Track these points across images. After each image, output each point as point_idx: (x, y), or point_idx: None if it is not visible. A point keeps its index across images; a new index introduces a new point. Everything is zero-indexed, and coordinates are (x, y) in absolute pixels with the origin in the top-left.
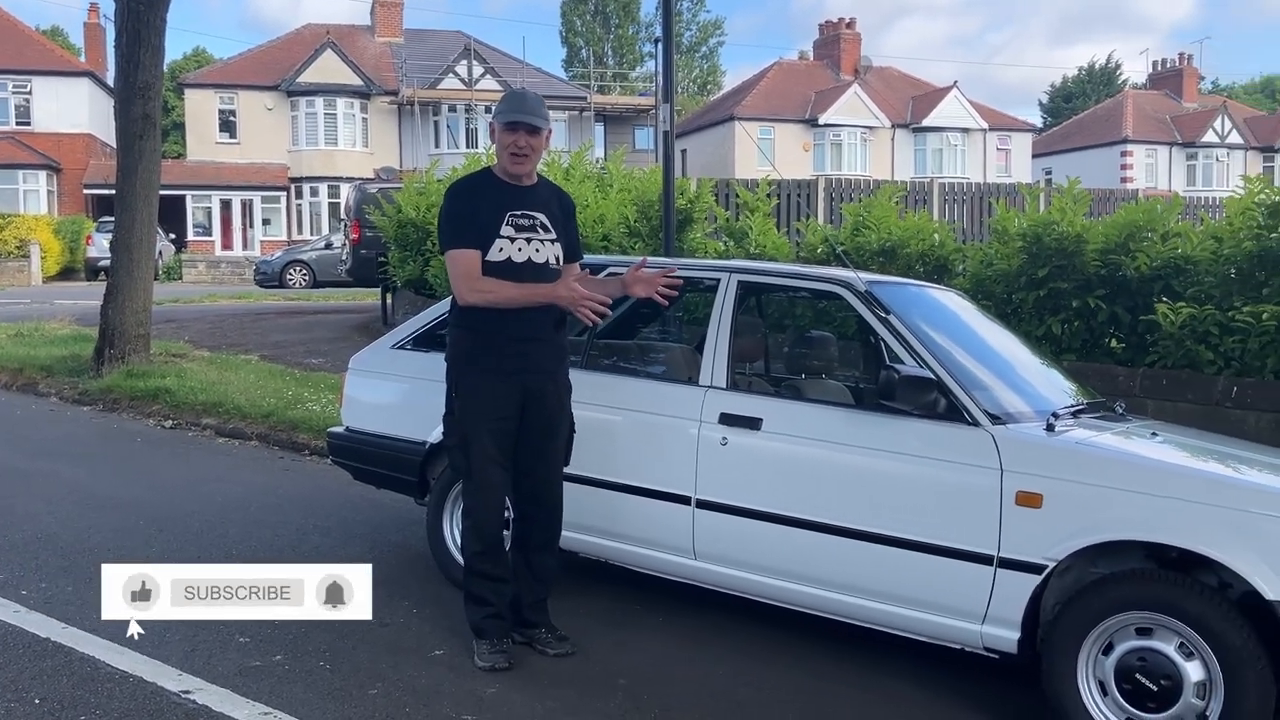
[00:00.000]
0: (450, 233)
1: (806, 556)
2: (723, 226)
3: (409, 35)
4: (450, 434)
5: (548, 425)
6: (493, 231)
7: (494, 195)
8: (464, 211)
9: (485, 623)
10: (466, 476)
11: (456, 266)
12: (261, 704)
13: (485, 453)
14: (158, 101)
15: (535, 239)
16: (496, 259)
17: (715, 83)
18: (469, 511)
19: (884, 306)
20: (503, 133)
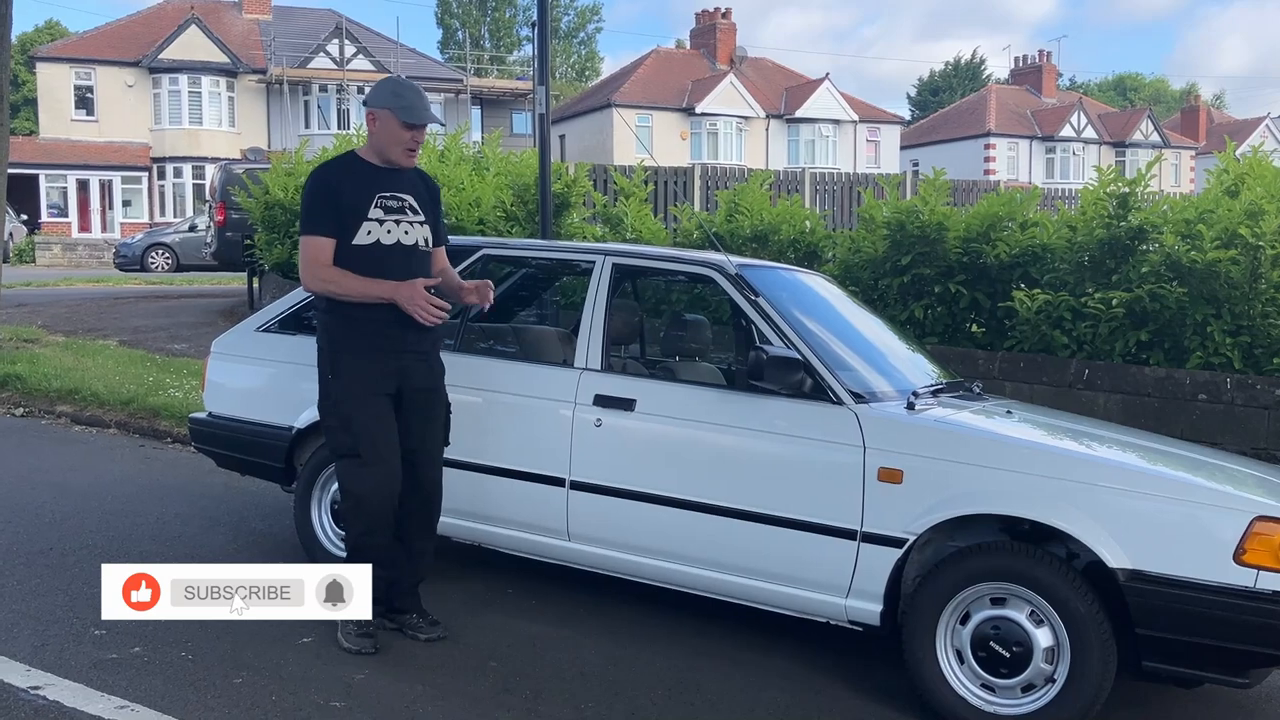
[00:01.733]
0: (306, 218)
1: (679, 535)
2: (599, 212)
3: (278, 12)
4: (329, 415)
5: (425, 407)
6: (360, 214)
7: (361, 178)
8: (326, 197)
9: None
10: (351, 455)
11: (306, 252)
12: (118, 697)
13: (370, 427)
14: (6, 75)
15: (405, 221)
16: (364, 242)
17: (594, 69)
18: (349, 491)
19: (753, 289)
20: (401, 128)
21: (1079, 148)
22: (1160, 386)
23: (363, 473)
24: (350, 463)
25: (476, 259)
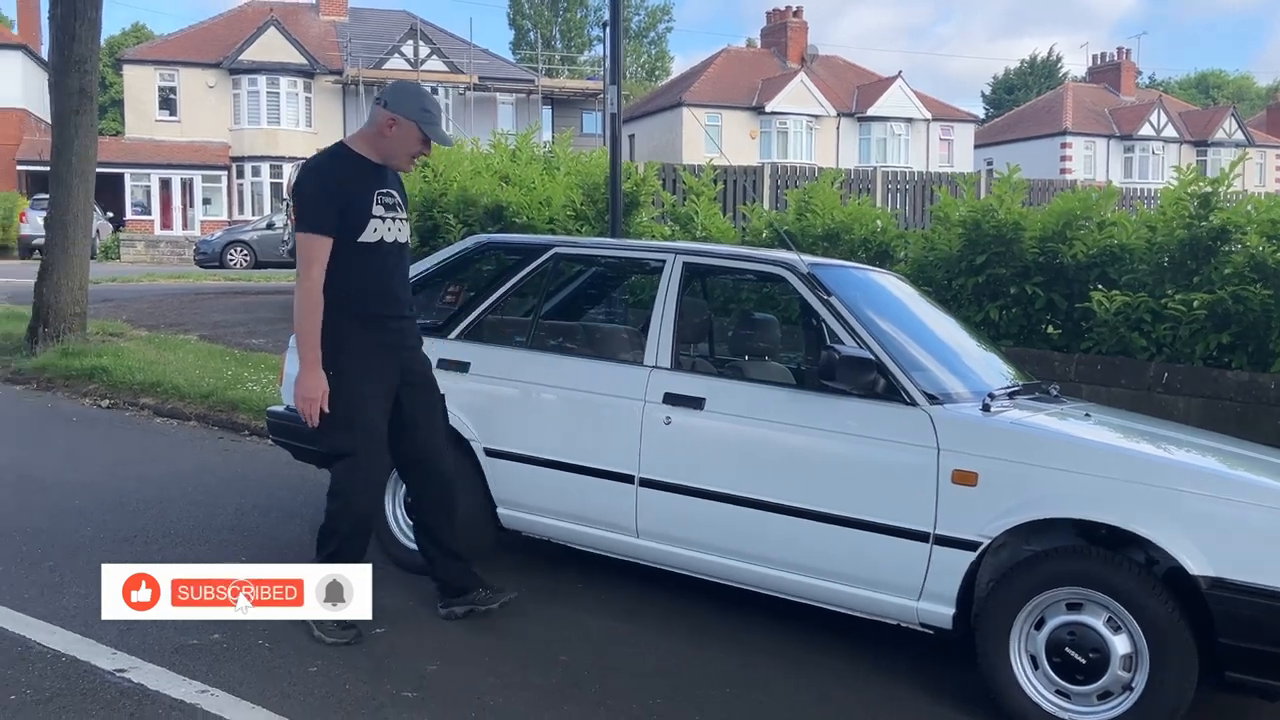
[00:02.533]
0: (313, 215)
1: (748, 534)
2: (668, 211)
3: (354, 14)
4: (335, 414)
5: (427, 400)
6: (366, 212)
7: (363, 174)
8: (333, 194)
9: None
10: (348, 454)
11: (307, 251)
12: (199, 682)
13: (370, 430)
14: (94, 76)
15: (398, 218)
16: (370, 240)
17: (663, 68)
18: (340, 490)
19: (825, 288)
20: (418, 141)
21: (1158, 147)
22: (1243, 391)
23: (358, 474)
24: (346, 463)
25: (548, 257)
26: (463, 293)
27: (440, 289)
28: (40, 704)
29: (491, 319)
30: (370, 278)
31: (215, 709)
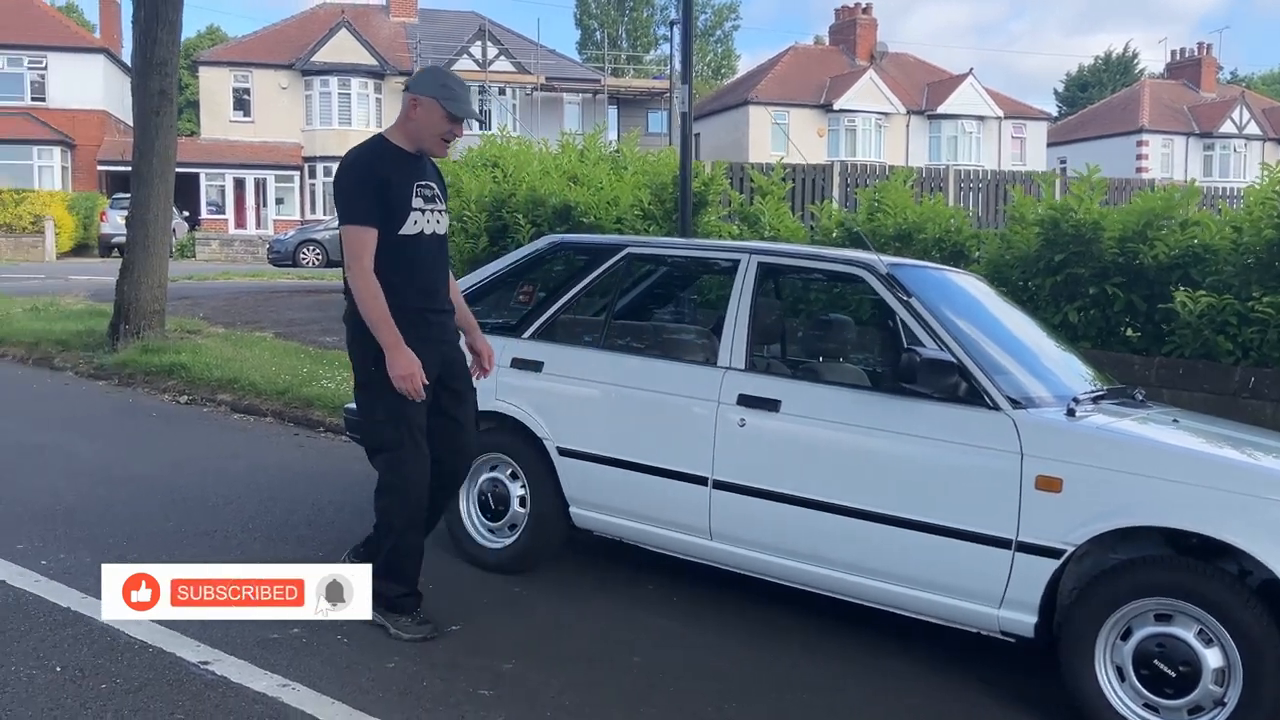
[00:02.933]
0: (356, 207)
1: (824, 538)
2: (737, 210)
3: (423, 15)
4: (375, 408)
5: (465, 390)
6: (406, 204)
7: (402, 166)
8: (374, 186)
9: (404, 600)
10: (395, 448)
11: (353, 244)
12: (279, 675)
13: (416, 422)
14: (174, 77)
15: (436, 210)
16: (411, 232)
17: (730, 67)
18: (394, 486)
19: (905, 289)
20: (444, 119)
21: (1241, 144)
22: None
23: (407, 465)
24: (392, 456)
25: (621, 257)
26: (535, 293)
27: (513, 289)
28: (130, 693)
29: (564, 319)
30: (411, 270)
31: (295, 703)
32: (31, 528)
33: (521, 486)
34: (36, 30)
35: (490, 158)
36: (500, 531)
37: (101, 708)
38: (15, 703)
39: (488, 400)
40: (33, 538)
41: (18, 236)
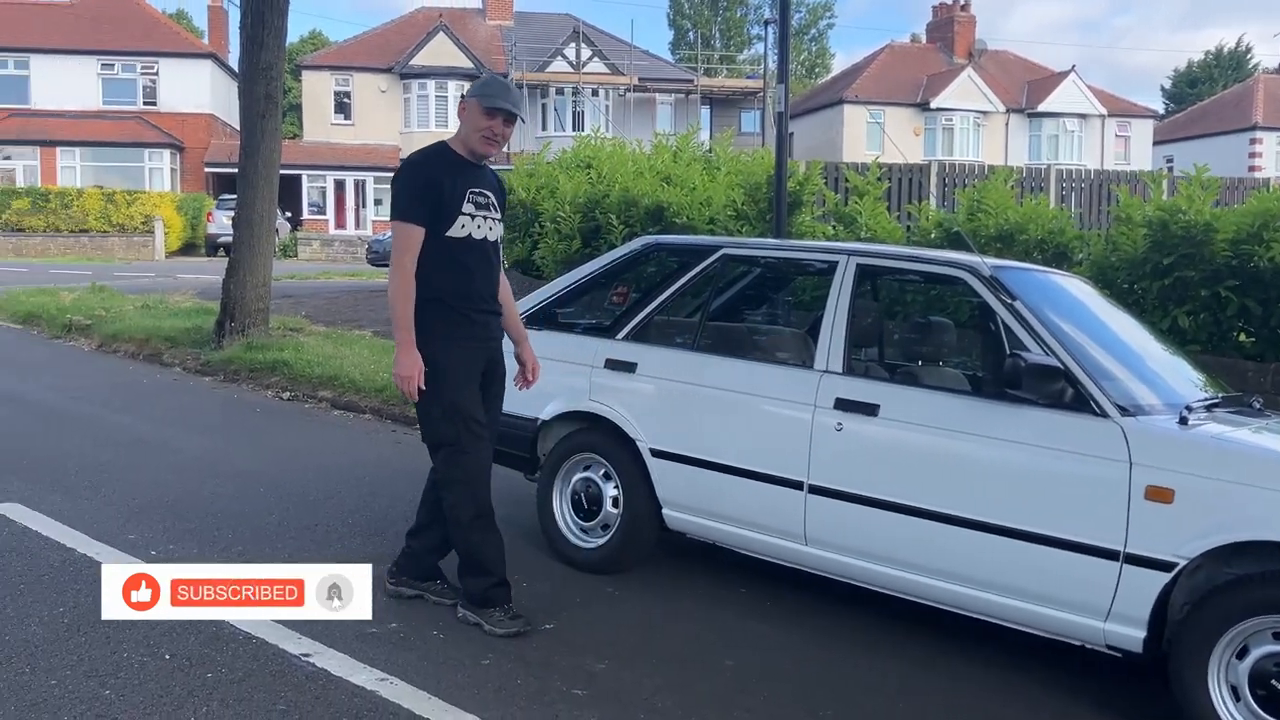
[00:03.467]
0: (407, 205)
1: (922, 546)
2: (832, 210)
3: (519, 18)
4: (432, 405)
5: (501, 388)
6: (456, 207)
7: (456, 171)
8: (426, 186)
9: (493, 592)
10: (454, 444)
11: (400, 240)
12: (378, 670)
13: (473, 419)
14: (279, 82)
15: (490, 217)
16: (458, 235)
17: (824, 66)
18: (457, 480)
19: (1009, 291)
20: (481, 115)
21: None
22: None
23: (466, 459)
24: (452, 451)
25: (717, 259)
26: (629, 294)
27: (607, 290)
28: (235, 683)
29: (659, 320)
30: (457, 272)
31: (393, 697)
32: (142, 519)
33: (615, 487)
34: (149, 37)
35: (584, 159)
36: (593, 531)
37: (208, 696)
38: (128, 688)
39: (581, 401)
40: (142, 529)
41: (129, 236)
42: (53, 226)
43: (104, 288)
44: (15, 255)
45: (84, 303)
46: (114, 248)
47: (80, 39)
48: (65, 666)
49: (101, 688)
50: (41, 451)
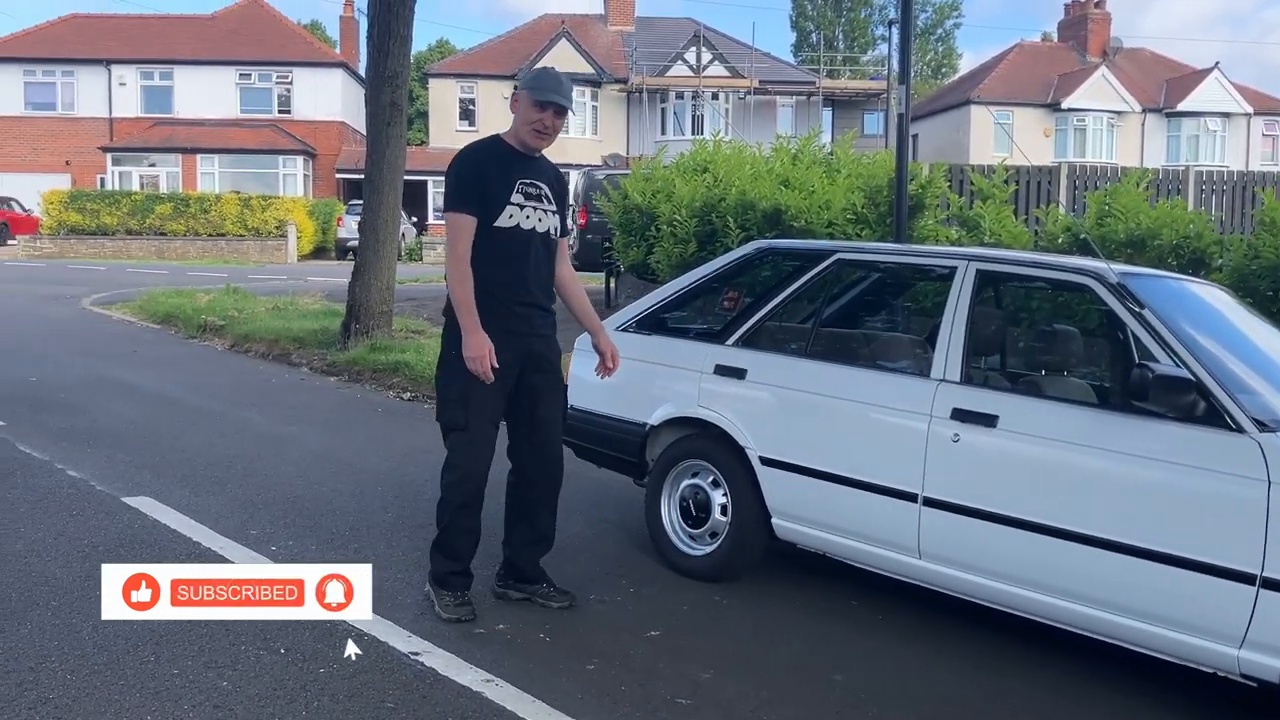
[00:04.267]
0: (456, 195)
1: (1042, 563)
2: (955, 214)
3: (640, 23)
4: (449, 388)
5: (550, 387)
6: (504, 197)
7: (506, 162)
8: (474, 177)
9: (451, 577)
10: (461, 430)
11: (452, 230)
12: (484, 671)
13: (484, 409)
14: (404, 90)
15: (540, 208)
16: (506, 225)
17: (951, 66)
18: (457, 465)
19: (1138, 300)
20: (531, 108)
21: None
22: None
23: (470, 448)
24: (459, 437)
25: (831, 263)
26: (741, 298)
27: (718, 294)
28: (345, 679)
29: (770, 325)
30: (501, 261)
31: (498, 699)
32: (264, 514)
33: (723, 494)
34: (284, 48)
35: (701, 162)
36: (701, 539)
37: (319, 690)
38: (244, 680)
39: (690, 406)
40: (264, 524)
41: (264, 240)
42: (192, 230)
43: (238, 289)
44: (158, 258)
45: (218, 304)
46: (249, 251)
47: (220, 50)
48: (187, 656)
49: (219, 679)
50: (172, 447)
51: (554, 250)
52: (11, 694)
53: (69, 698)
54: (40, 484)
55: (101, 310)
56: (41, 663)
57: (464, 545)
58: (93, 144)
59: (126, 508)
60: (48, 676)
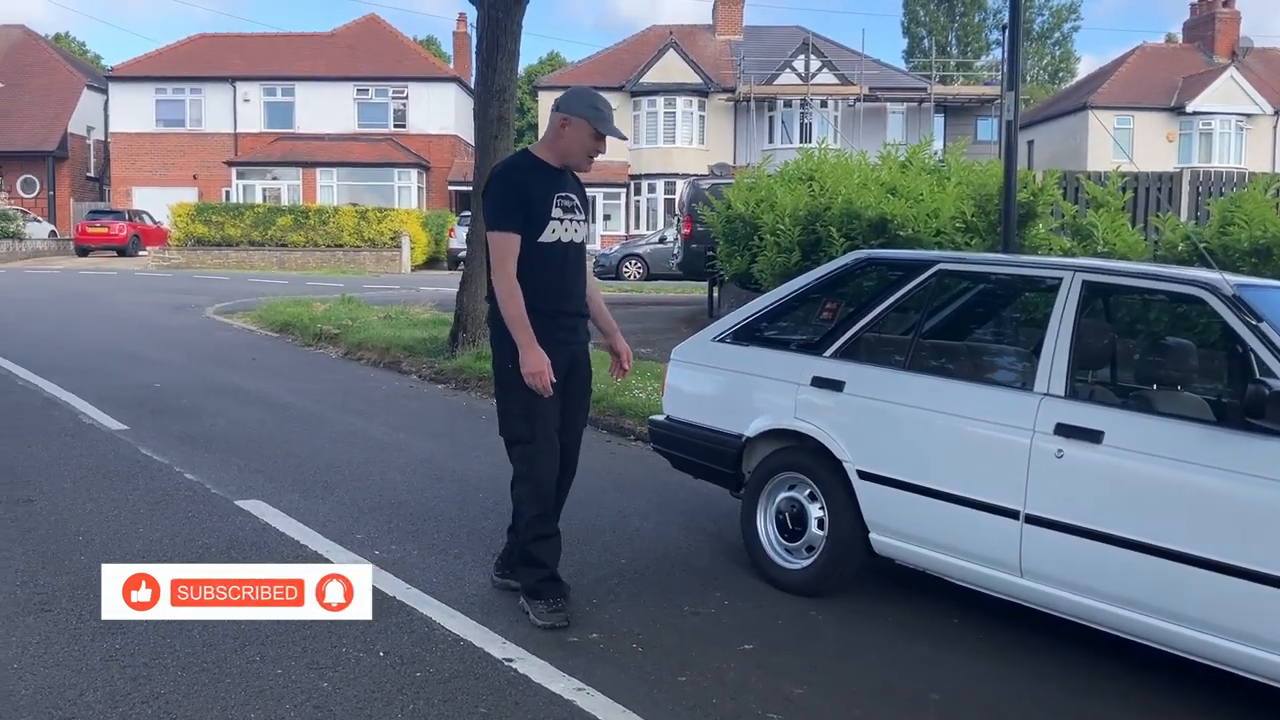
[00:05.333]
0: (500, 214)
1: (1151, 585)
2: (1068, 223)
3: (749, 32)
4: (512, 403)
5: (583, 393)
6: (546, 213)
7: (544, 178)
8: (517, 195)
9: (541, 585)
10: (528, 442)
11: (496, 249)
12: (577, 679)
13: (547, 419)
14: (512, 104)
15: (575, 219)
16: (549, 240)
17: (1068, 70)
18: (527, 476)
19: (1255, 313)
20: (591, 137)
21: None
22: None
23: (539, 458)
24: (526, 449)
25: (932, 274)
26: (840, 309)
27: (817, 305)
28: (441, 683)
29: (869, 337)
30: (547, 275)
31: (590, 708)
32: (369, 519)
33: (820, 508)
34: (400, 63)
35: (806, 171)
36: (797, 552)
37: (415, 694)
38: (344, 681)
39: (786, 419)
40: (369, 528)
41: (379, 250)
42: (311, 241)
43: (352, 299)
44: (279, 268)
45: (334, 313)
46: (365, 261)
47: (339, 67)
48: (290, 657)
49: (321, 680)
50: (284, 452)
51: (584, 258)
52: (127, 688)
53: (179, 694)
54: (159, 486)
55: (223, 319)
56: (154, 659)
57: (548, 553)
58: (218, 158)
59: (239, 510)
60: (160, 672)
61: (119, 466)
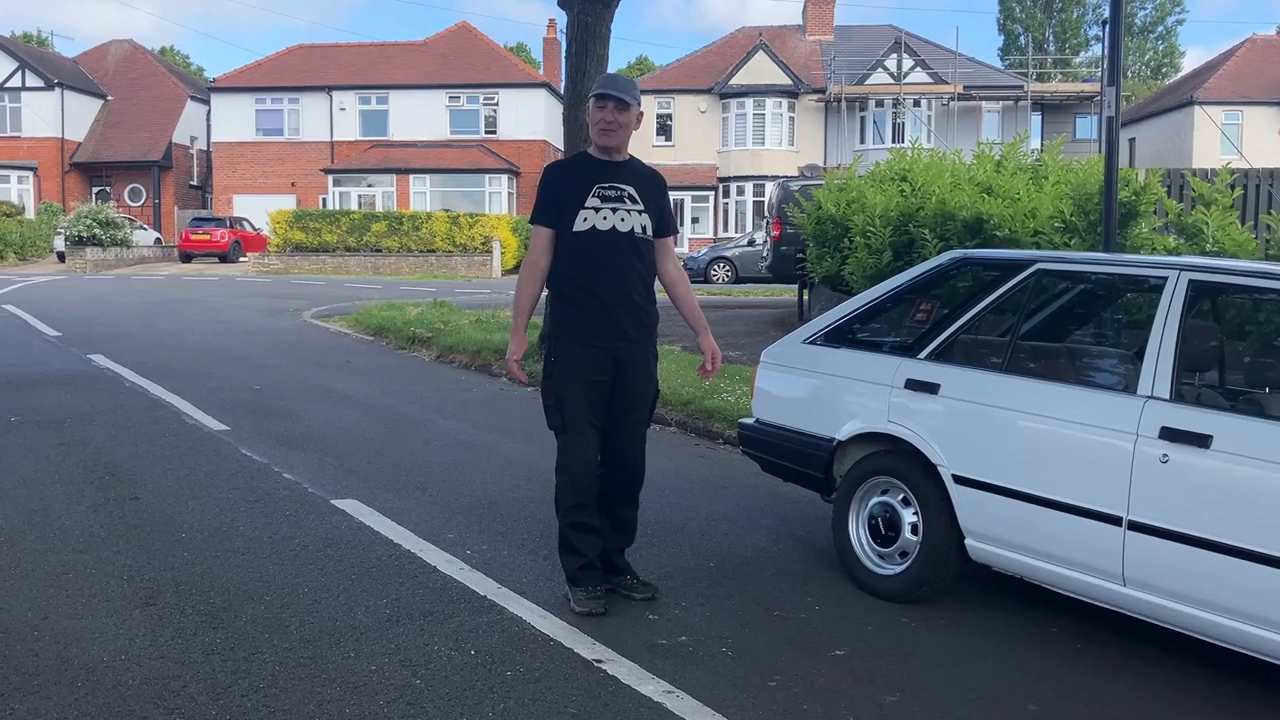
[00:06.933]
0: (534, 210)
1: (1260, 595)
2: (1173, 221)
3: (839, 32)
4: (548, 395)
5: (636, 392)
6: (577, 204)
7: (583, 171)
8: (548, 190)
9: (580, 573)
10: (561, 432)
11: (533, 238)
12: (665, 682)
13: (579, 412)
14: None
15: (622, 209)
16: (581, 228)
17: (1172, 65)
18: (564, 466)
19: None
20: (593, 109)
21: None
22: None
23: (574, 450)
24: (563, 440)
25: (1030, 274)
26: (935, 311)
27: (907, 307)
28: (531, 683)
29: (964, 339)
30: (577, 264)
31: (679, 710)
32: (461, 519)
33: (914, 513)
34: (490, 70)
35: (898, 172)
36: (890, 558)
37: (506, 693)
38: (436, 679)
39: (879, 422)
40: (460, 528)
41: (470, 255)
42: (405, 247)
43: (445, 303)
44: (373, 273)
45: (426, 317)
46: (457, 266)
47: (431, 75)
48: (384, 654)
49: (413, 677)
50: (379, 452)
51: (646, 249)
52: (226, 681)
53: (276, 687)
54: (258, 485)
55: (320, 323)
56: (253, 654)
57: (584, 541)
58: (315, 166)
59: (335, 509)
60: (258, 666)
61: (220, 466)
